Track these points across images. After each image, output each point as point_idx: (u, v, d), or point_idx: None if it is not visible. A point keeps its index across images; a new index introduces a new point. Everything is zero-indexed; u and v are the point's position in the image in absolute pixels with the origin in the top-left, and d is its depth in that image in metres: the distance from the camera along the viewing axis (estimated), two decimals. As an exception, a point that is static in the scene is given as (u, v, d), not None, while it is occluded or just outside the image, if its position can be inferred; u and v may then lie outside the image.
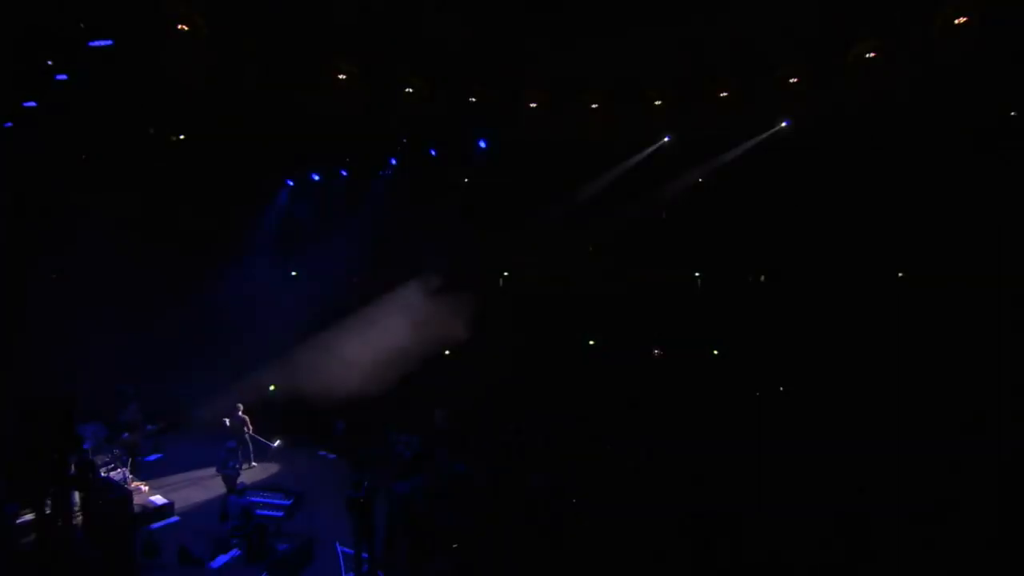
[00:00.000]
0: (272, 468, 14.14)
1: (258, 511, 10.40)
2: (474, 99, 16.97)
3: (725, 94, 16.35)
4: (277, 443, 14.28)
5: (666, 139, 17.19)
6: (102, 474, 11.03)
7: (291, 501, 11.01)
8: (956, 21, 13.26)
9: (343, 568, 9.89)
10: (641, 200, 17.56)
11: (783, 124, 15.87)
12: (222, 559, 9.70)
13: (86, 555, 8.62)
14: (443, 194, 18.62)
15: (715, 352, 17.42)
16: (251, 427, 14.16)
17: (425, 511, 10.07)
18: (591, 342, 18.64)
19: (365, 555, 9.61)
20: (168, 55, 13.72)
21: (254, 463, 14.08)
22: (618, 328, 17.87)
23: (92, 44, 11.83)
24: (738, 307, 16.88)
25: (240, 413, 14.12)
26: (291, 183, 19.51)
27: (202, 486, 12.79)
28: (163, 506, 11.27)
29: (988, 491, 10.08)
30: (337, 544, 10.41)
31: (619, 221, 17.54)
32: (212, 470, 12.69)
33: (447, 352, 18.05)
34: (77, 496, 8.92)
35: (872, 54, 14.57)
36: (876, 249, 15.30)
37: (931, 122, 13.80)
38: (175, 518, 11.24)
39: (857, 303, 15.07)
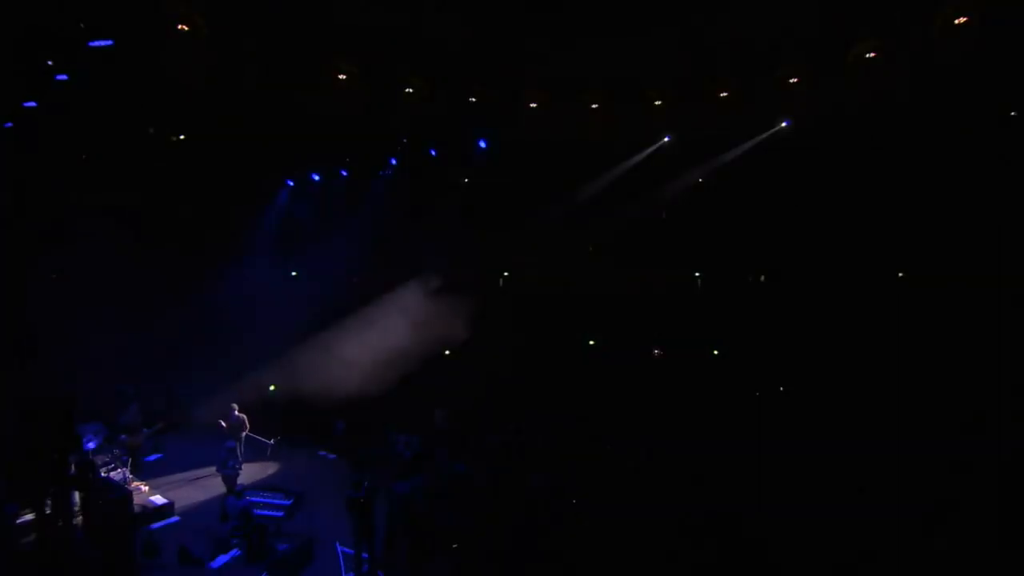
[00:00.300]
0: (272, 468, 14.15)
1: (258, 511, 10.40)
2: (474, 99, 16.97)
3: (725, 94, 16.34)
4: (273, 441, 14.24)
5: (666, 139, 17.19)
6: (102, 474, 11.04)
7: (291, 501, 11.02)
8: (956, 21, 13.25)
9: (343, 568, 9.89)
10: (641, 200, 17.55)
11: (783, 124, 15.87)
12: (222, 559, 9.70)
13: (86, 555, 8.63)
14: (443, 194, 18.62)
15: (715, 352, 17.42)
16: (248, 427, 14.10)
17: (425, 511, 10.08)
18: (591, 342, 18.64)
19: (365, 555, 9.61)
20: (168, 55, 13.73)
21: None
22: (618, 328, 17.86)
23: (92, 44, 11.83)
24: (738, 307, 16.87)
25: (236, 413, 14.09)
26: (291, 183, 19.51)
27: (202, 486, 12.79)
28: (163, 506, 11.27)
29: (988, 491, 10.09)
30: (337, 544, 10.41)
31: (619, 221, 17.53)
32: (212, 470, 12.70)
33: (447, 352, 18.05)
34: (77, 496, 8.93)
35: (872, 54, 14.57)
36: (876, 249, 15.28)
37: (931, 122, 13.79)
38: (175, 518, 11.24)
39: (857, 303, 15.06)
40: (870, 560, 9.22)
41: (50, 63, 11.98)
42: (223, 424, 13.84)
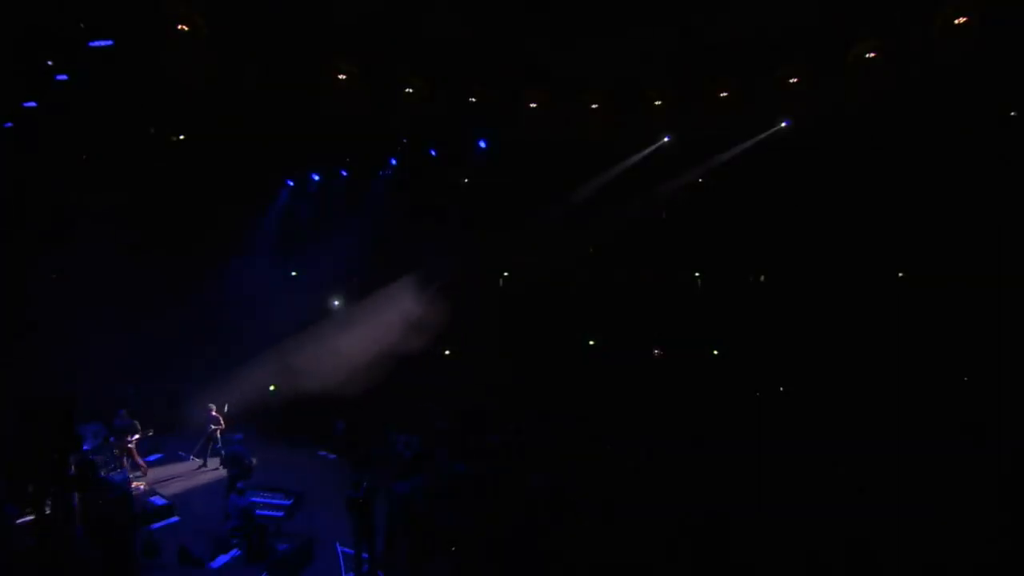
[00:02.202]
0: (273, 468, 14.13)
1: (258, 511, 10.39)
2: (474, 99, 16.97)
3: (725, 94, 16.36)
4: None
5: (666, 139, 17.19)
6: (102, 474, 11.04)
7: (291, 501, 11.01)
8: (956, 21, 13.26)
9: (343, 568, 9.89)
10: (641, 200, 17.56)
11: (783, 124, 15.88)
12: (222, 559, 9.69)
13: (86, 555, 8.62)
14: (443, 194, 18.62)
15: (715, 352, 17.42)
16: (218, 427, 13.89)
17: (425, 511, 10.07)
18: (591, 342, 18.64)
19: (365, 555, 9.61)
20: (168, 55, 13.73)
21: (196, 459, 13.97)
22: (618, 328, 17.87)
23: (92, 44, 11.83)
24: (738, 307, 16.88)
25: (213, 412, 14.01)
26: (291, 183, 19.51)
27: (202, 486, 12.79)
28: (163, 506, 11.27)
29: (988, 491, 10.09)
30: (337, 544, 10.41)
31: (619, 221, 17.54)
32: (215, 469, 12.69)
33: (447, 352, 18.04)
34: (77, 496, 8.92)
35: (872, 54, 14.58)
36: (876, 249, 15.30)
37: (931, 122, 13.80)
38: (175, 518, 11.23)
39: (857, 303, 15.07)
40: (869, 560, 9.22)
41: (50, 63, 11.98)
42: (218, 425, 13.85)
